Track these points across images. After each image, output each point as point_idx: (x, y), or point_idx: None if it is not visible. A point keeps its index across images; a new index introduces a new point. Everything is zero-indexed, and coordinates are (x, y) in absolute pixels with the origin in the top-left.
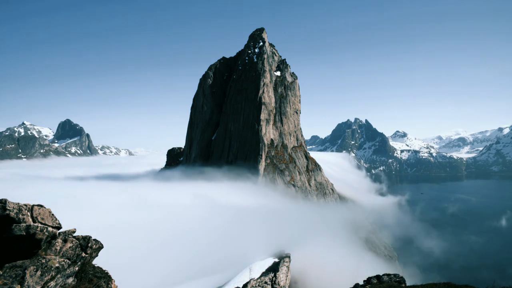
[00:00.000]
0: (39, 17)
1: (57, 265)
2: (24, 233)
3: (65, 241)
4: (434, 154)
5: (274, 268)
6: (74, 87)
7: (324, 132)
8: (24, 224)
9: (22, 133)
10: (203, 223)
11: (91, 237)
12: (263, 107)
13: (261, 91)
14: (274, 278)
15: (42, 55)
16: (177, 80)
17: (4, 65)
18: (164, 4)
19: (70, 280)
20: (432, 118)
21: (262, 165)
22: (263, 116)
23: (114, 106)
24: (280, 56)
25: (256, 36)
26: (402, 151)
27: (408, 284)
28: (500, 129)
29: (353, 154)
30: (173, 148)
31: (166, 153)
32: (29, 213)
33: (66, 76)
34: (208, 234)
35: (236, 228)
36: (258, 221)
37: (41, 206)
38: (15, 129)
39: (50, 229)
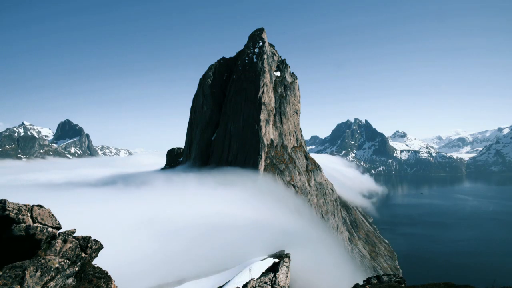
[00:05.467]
0: (42, 20)
1: (57, 265)
2: (24, 234)
3: (65, 241)
4: (434, 154)
5: (274, 268)
6: (74, 88)
7: (324, 132)
8: (24, 225)
9: (22, 134)
10: (202, 224)
11: (90, 237)
12: (262, 107)
13: (260, 91)
14: (274, 278)
15: (42, 56)
16: (177, 80)
17: (4, 65)
18: (164, 4)
19: (70, 280)
20: (432, 118)
21: (262, 165)
22: (263, 116)
23: (113, 106)
24: (280, 56)
25: (256, 36)
26: (402, 151)
27: (408, 284)
28: (500, 129)
29: (353, 154)
30: (173, 148)
31: (166, 153)
32: (28, 214)
33: (66, 76)
34: (208, 235)
35: (235, 229)
36: (257, 223)
37: (41, 206)
38: (15, 129)
39: (49, 229)
